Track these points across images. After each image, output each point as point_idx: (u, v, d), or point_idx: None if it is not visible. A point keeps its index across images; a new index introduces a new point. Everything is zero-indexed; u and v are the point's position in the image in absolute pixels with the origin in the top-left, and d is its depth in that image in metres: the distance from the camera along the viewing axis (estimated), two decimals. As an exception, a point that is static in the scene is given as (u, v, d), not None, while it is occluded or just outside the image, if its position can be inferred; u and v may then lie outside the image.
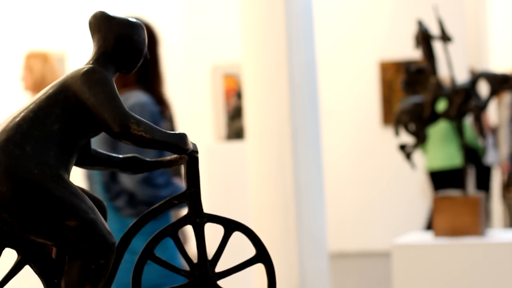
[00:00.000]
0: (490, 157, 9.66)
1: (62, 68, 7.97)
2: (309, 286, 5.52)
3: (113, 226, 4.04)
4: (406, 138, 6.93)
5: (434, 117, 5.58)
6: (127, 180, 4.04)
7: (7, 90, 7.65)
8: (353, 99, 9.75)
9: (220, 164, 7.56)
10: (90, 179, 4.31)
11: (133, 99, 4.11)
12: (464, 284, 5.30)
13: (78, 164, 2.73)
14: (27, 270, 2.70)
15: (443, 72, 6.56)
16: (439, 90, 5.54)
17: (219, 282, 2.70)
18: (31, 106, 2.57)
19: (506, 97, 9.21)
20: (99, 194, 4.20)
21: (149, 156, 4.04)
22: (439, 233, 5.39)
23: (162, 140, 2.55)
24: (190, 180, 2.67)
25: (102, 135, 2.72)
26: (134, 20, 2.73)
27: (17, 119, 2.55)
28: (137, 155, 2.82)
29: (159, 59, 4.26)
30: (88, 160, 2.76)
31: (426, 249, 5.38)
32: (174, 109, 5.61)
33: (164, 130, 2.56)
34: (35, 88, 6.07)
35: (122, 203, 4.11)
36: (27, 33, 7.93)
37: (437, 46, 6.00)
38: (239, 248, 4.23)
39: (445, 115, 5.57)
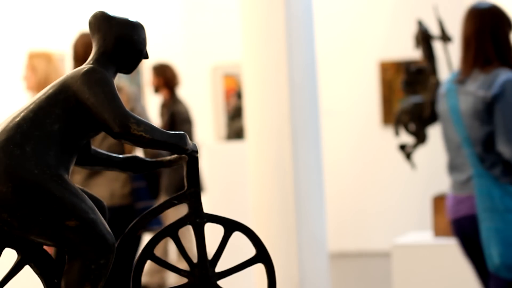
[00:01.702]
0: None
1: (62, 68, 7.96)
2: (309, 286, 5.52)
3: (495, 192, 4.34)
4: (406, 138, 6.93)
5: (434, 117, 5.59)
6: (505, 150, 4.28)
7: (8, 90, 7.65)
8: (353, 99, 9.75)
9: (220, 164, 7.56)
10: (457, 151, 4.50)
11: (504, 76, 4.34)
12: (464, 284, 5.30)
13: (78, 164, 2.73)
14: (27, 270, 2.70)
15: (443, 72, 6.56)
16: (439, 90, 5.54)
17: (219, 282, 2.70)
18: (31, 106, 2.57)
19: None
20: (472, 165, 4.45)
21: None
22: (439, 233, 5.39)
23: (162, 140, 2.55)
24: (190, 180, 2.68)
25: None
26: (134, 20, 2.73)
27: (17, 119, 2.55)
28: (137, 155, 2.82)
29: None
30: (88, 160, 2.76)
31: (426, 249, 5.38)
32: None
33: (164, 130, 2.56)
34: (39, 88, 6.07)
35: (498, 172, 4.37)
36: (27, 32, 7.93)
37: (437, 46, 6.00)
38: (239, 248, 4.23)
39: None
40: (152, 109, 9.44)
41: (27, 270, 2.69)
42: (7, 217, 2.47)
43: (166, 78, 7.69)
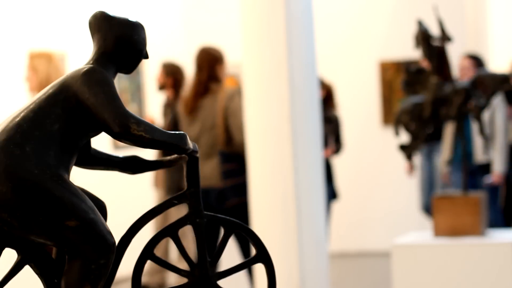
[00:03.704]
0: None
1: (62, 68, 7.95)
2: (309, 286, 5.52)
3: None
4: (406, 138, 6.93)
5: (434, 117, 5.58)
6: None
7: (8, 90, 7.65)
8: (353, 99, 9.75)
9: (220, 164, 7.54)
10: None
11: None
12: (464, 284, 5.30)
13: (78, 164, 2.73)
14: (27, 270, 2.70)
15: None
16: (439, 90, 5.54)
17: (219, 282, 2.70)
18: (31, 106, 2.57)
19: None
20: None
21: None
22: (439, 233, 5.39)
23: (162, 140, 2.55)
24: (190, 180, 2.68)
25: None
26: (134, 20, 2.73)
27: (17, 119, 2.55)
28: (137, 155, 2.82)
29: None
30: (88, 160, 2.76)
31: (426, 249, 5.38)
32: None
33: (164, 130, 2.56)
34: (41, 88, 6.04)
35: None
36: (27, 33, 7.93)
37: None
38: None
39: (445, 115, 5.57)
40: (152, 108, 9.43)
41: (27, 270, 2.69)
42: (7, 217, 2.47)
43: (175, 80, 7.65)
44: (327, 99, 7.84)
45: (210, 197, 6.05)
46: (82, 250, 2.49)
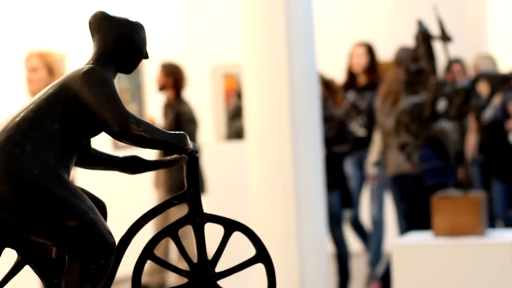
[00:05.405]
0: None
1: (62, 68, 7.95)
2: (309, 286, 5.52)
3: None
4: (406, 138, 6.92)
5: (434, 117, 5.58)
6: None
7: (8, 90, 7.65)
8: (353, 99, 9.73)
9: (220, 164, 7.56)
10: None
11: None
12: (464, 284, 5.30)
13: (78, 164, 2.73)
14: (27, 270, 2.70)
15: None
16: (439, 90, 5.54)
17: (219, 282, 2.70)
18: (31, 106, 2.57)
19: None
20: None
21: None
22: (439, 233, 5.39)
23: (162, 140, 2.55)
24: (190, 180, 2.68)
25: None
26: (134, 20, 2.73)
27: (17, 119, 2.55)
28: (137, 155, 2.82)
29: None
30: (88, 160, 2.76)
31: (426, 249, 5.38)
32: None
33: (164, 130, 2.56)
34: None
35: None
36: (27, 32, 7.93)
37: (437, 46, 5.99)
38: (239, 248, 4.23)
39: (445, 115, 5.57)
40: (152, 109, 9.43)
41: (27, 270, 2.69)
42: (7, 217, 2.47)
43: (175, 79, 7.62)
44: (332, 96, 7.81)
45: (407, 183, 6.61)
46: (82, 250, 2.49)
